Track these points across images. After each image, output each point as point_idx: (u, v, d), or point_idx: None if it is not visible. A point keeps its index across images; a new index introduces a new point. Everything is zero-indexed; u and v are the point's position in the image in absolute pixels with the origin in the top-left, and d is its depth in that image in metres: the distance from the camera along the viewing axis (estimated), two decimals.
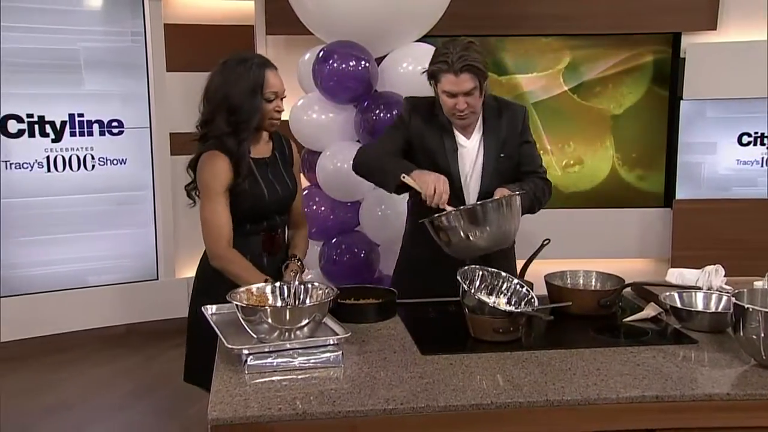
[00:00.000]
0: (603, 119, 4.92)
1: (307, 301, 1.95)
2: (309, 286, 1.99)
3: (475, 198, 2.46)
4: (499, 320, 1.94)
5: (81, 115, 4.58)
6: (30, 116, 4.44)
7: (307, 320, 1.79)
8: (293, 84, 3.80)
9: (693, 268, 2.36)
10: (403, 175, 2.28)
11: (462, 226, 2.16)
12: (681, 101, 4.72)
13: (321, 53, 3.54)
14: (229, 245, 2.23)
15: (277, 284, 1.99)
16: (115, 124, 4.69)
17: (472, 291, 2.02)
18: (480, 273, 2.14)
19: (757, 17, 4.66)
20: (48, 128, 4.49)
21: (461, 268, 2.07)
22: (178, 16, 4.77)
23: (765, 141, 4.73)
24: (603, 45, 4.82)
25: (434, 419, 1.57)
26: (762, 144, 4.74)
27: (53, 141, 4.51)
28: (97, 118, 4.63)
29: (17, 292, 4.51)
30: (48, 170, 4.52)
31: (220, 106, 2.22)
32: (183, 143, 4.66)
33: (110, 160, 4.70)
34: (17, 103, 4.40)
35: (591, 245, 4.79)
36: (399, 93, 3.43)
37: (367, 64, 3.53)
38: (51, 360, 4.32)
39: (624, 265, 4.43)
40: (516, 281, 2.14)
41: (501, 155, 2.49)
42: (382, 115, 3.45)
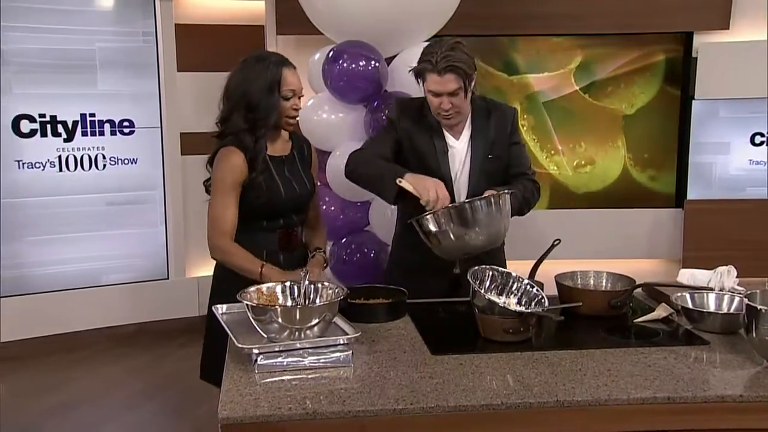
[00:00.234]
0: (615, 119, 4.90)
1: (317, 301, 1.95)
2: (319, 286, 1.99)
3: (465, 199, 2.46)
4: (510, 320, 1.93)
5: (92, 115, 4.60)
6: (42, 116, 4.47)
7: (317, 320, 1.79)
8: (303, 84, 3.79)
9: (704, 269, 2.35)
10: (399, 179, 2.28)
11: (450, 225, 2.16)
12: (693, 101, 4.69)
13: (331, 53, 3.55)
14: (230, 239, 2.26)
15: (287, 284, 1.99)
16: (126, 124, 4.71)
17: (483, 291, 2.02)
18: (490, 273, 2.13)
19: None
20: (60, 128, 4.52)
21: (471, 269, 2.07)
22: (189, 17, 4.79)
23: None
24: (614, 44, 4.80)
25: (444, 419, 1.57)
26: None
27: (65, 141, 4.54)
28: (109, 118, 4.66)
29: (28, 291, 4.54)
30: (60, 170, 4.54)
31: (239, 104, 2.25)
32: (194, 143, 4.73)
33: (121, 160, 4.72)
34: (29, 103, 4.43)
35: (602, 245, 4.77)
36: (409, 93, 3.43)
37: (377, 64, 3.53)
38: (61, 359, 4.34)
39: (635, 266, 4.41)
40: (526, 281, 2.13)
41: (489, 156, 2.49)
42: None
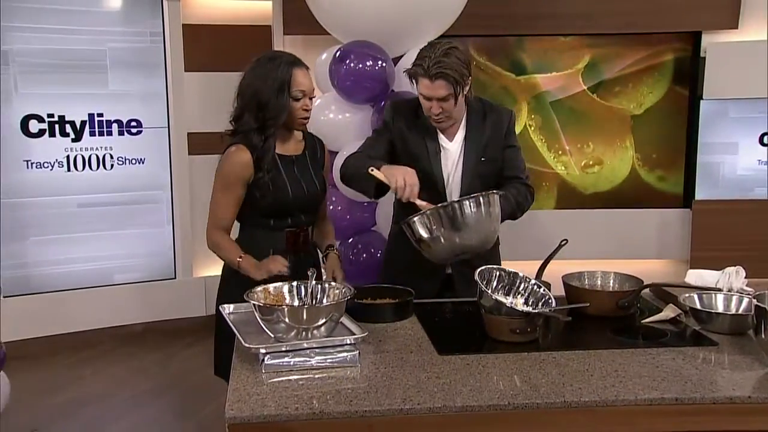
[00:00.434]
0: (623, 119, 4.89)
1: (324, 301, 1.95)
2: (326, 286, 1.99)
3: None
4: (516, 321, 1.93)
5: (100, 115, 4.62)
6: (50, 116, 4.49)
7: (324, 320, 1.79)
8: None
9: (713, 270, 2.34)
10: (371, 168, 2.26)
11: (439, 225, 2.13)
12: (701, 101, 4.68)
13: (338, 53, 3.55)
14: (224, 233, 2.31)
15: (294, 284, 1.99)
16: (134, 124, 4.73)
17: (490, 291, 2.01)
18: (497, 273, 2.13)
19: None
20: (68, 128, 4.54)
21: (479, 269, 2.06)
22: (197, 17, 4.80)
23: None
24: (622, 44, 4.79)
25: (451, 419, 1.57)
26: None
27: (73, 140, 4.56)
28: (116, 118, 4.67)
29: (36, 291, 4.56)
30: (68, 170, 4.56)
31: (249, 102, 2.26)
32: (201, 143, 4.73)
33: (129, 160, 4.73)
34: (38, 103, 4.45)
35: (609, 246, 4.76)
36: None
37: (384, 64, 3.53)
38: (68, 358, 4.36)
39: (642, 266, 4.40)
40: (533, 282, 2.13)
41: (482, 159, 2.47)
42: None
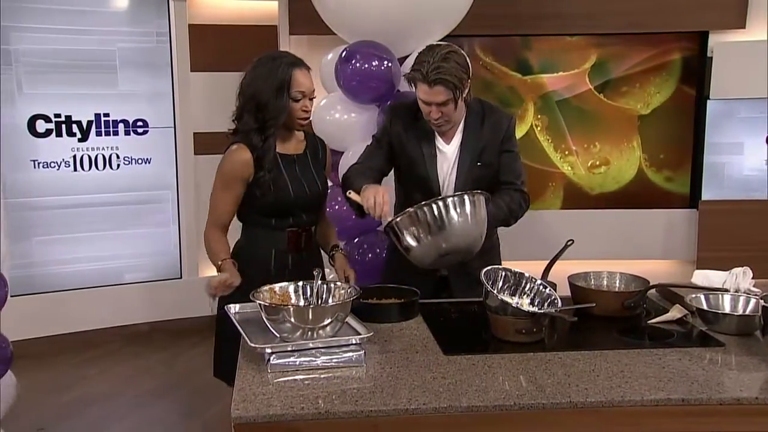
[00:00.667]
0: (630, 119, 4.87)
1: (330, 301, 1.95)
2: (332, 286, 1.99)
3: None
4: (522, 321, 1.93)
5: (107, 115, 4.63)
6: (57, 116, 4.50)
7: (330, 319, 1.79)
8: (316, 84, 3.79)
9: (719, 270, 2.33)
10: (349, 192, 2.28)
11: (420, 226, 2.11)
12: (708, 101, 4.66)
13: (343, 53, 3.55)
14: (218, 230, 2.31)
15: (300, 283, 1.99)
16: (140, 124, 4.74)
17: (495, 292, 2.01)
18: (503, 273, 2.12)
19: None
20: (75, 128, 4.55)
21: (485, 269, 2.06)
22: (203, 17, 4.81)
23: None
24: (629, 44, 4.77)
25: (457, 420, 1.57)
26: None
27: (80, 140, 4.57)
28: (123, 118, 4.69)
29: (42, 290, 4.57)
30: (74, 169, 4.58)
31: (249, 102, 2.26)
32: (206, 143, 4.74)
33: (135, 160, 4.74)
34: (45, 104, 4.46)
35: (615, 246, 4.75)
36: None
37: (390, 64, 3.53)
38: (74, 357, 4.38)
39: (649, 267, 4.38)
40: (539, 282, 2.12)
41: (478, 163, 2.45)
42: None
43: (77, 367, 4.23)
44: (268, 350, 1.75)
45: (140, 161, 4.76)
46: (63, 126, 4.52)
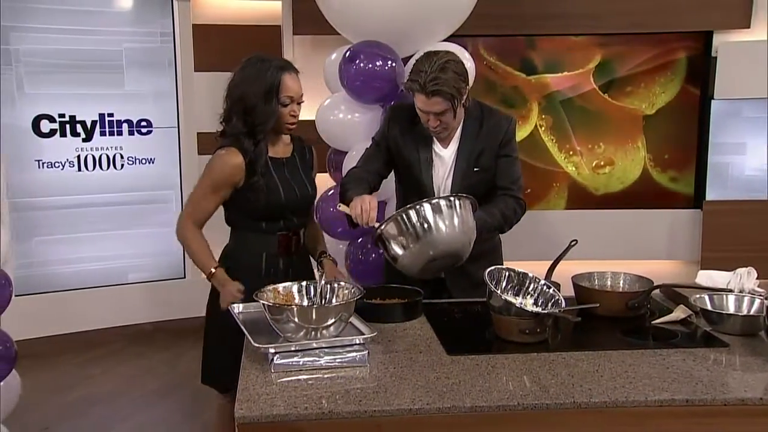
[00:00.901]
0: (635, 119, 4.86)
1: (334, 301, 1.95)
2: (335, 286, 1.99)
3: None
4: (526, 321, 1.93)
5: (111, 115, 4.64)
6: (61, 116, 4.51)
7: (334, 319, 1.79)
8: (320, 84, 3.80)
9: (723, 270, 2.33)
10: (339, 204, 2.30)
11: (405, 230, 2.08)
12: (712, 101, 4.65)
13: (347, 53, 3.55)
14: (196, 227, 2.35)
15: (304, 283, 2.00)
16: (144, 124, 4.74)
17: (499, 292, 2.01)
18: (507, 274, 2.12)
19: None
20: (79, 128, 4.56)
21: (488, 269, 2.06)
22: (206, 17, 4.81)
23: None
24: (634, 44, 4.76)
25: (460, 420, 1.57)
26: None
27: (84, 140, 4.58)
28: (127, 118, 4.69)
29: (46, 290, 4.58)
30: (78, 169, 4.58)
31: (237, 105, 2.25)
32: (210, 143, 4.70)
33: (139, 160, 4.75)
34: (49, 104, 4.47)
35: (619, 246, 4.74)
36: None
37: (394, 64, 3.53)
38: (78, 357, 4.38)
39: (653, 267, 4.38)
40: (543, 282, 2.12)
41: (475, 169, 2.44)
42: None
43: (80, 367, 4.23)
44: (272, 350, 1.75)
45: (144, 161, 4.77)
46: (67, 126, 4.53)
